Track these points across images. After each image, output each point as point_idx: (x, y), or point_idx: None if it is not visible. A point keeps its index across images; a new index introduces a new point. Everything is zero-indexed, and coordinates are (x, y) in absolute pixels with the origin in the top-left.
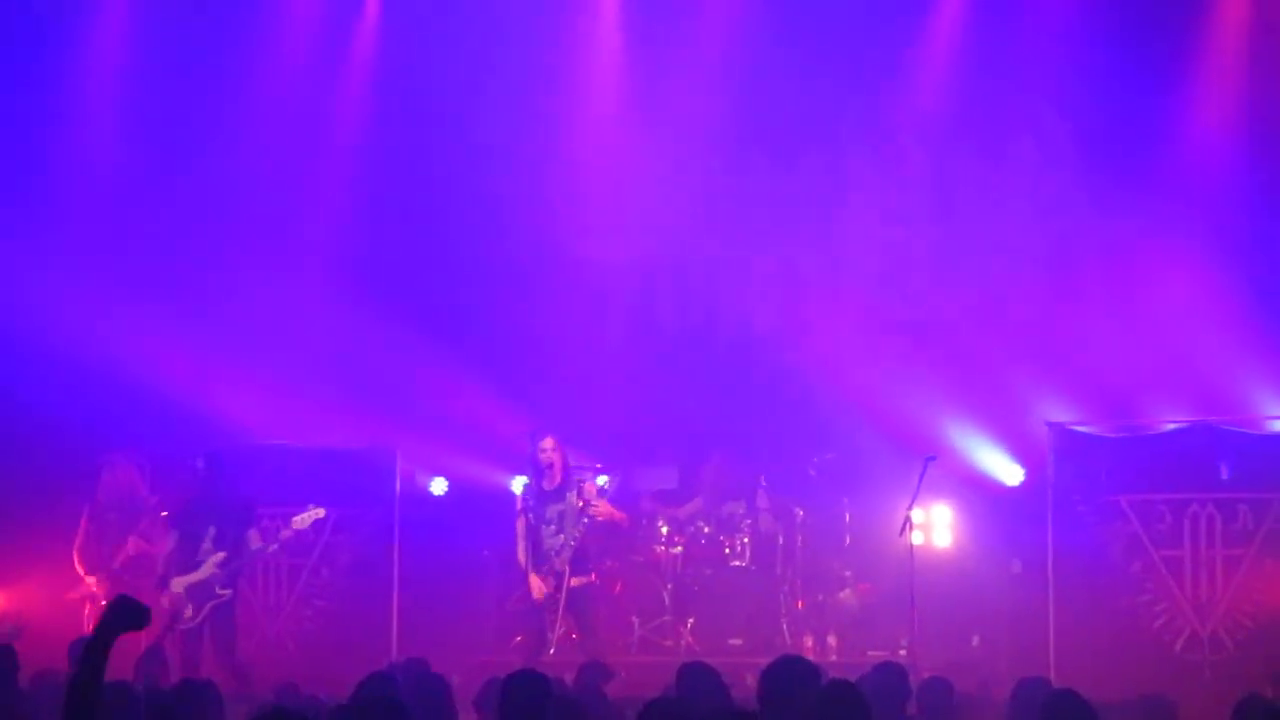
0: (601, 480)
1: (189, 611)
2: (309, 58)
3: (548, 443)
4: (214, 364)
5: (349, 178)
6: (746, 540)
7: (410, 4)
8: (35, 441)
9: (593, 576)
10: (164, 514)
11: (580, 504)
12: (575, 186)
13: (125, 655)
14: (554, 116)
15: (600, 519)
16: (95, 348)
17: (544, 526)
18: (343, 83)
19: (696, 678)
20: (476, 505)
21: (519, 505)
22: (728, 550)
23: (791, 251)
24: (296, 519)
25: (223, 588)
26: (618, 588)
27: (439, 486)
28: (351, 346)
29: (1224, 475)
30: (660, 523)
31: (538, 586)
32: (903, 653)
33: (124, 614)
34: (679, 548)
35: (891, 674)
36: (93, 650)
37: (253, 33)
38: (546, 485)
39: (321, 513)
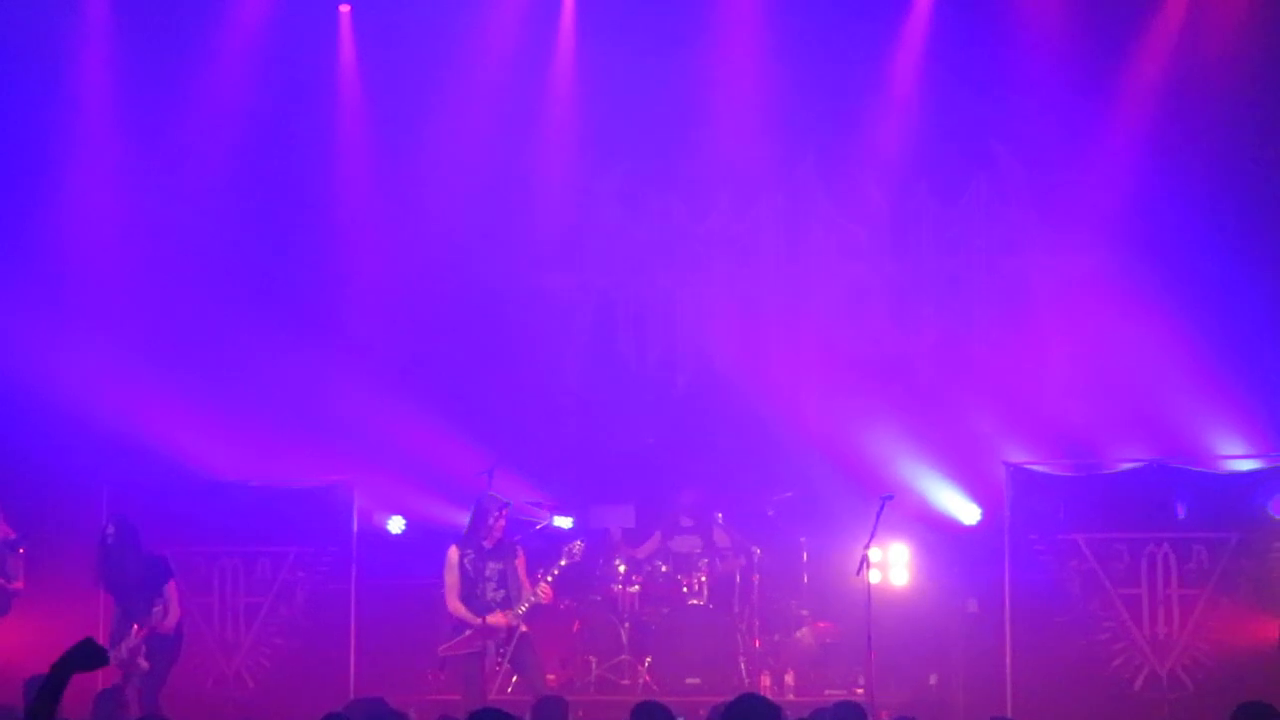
0: (564, 522)
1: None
2: (283, 116)
3: (504, 514)
4: (174, 403)
5: (309, 218)
6: (704, 579)
7: (382, 57)
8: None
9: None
10: (20, 550)
11: (519, 563)
12: (534, 221)
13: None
14: (513, 151)
15: (545, 600)
16: (60, 388)
17: (483, 581)
18: (311, 133)
19: (650, 717)
20: (434, 543)
21: (452, 557)
22: (685, 589)
23: (750, 287)
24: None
25: (144, 659)
26: (575, 626)
27: (396, 525)
28: (309, 385)
29: (1180, 515)
30: (617, 561)
31: (500, 621)
32: (860, 691)
33: (82, 655)
34: (636, 586)
35: (849, 712)
36: (47, 688)
37: (234, 93)
38: (486, 544)
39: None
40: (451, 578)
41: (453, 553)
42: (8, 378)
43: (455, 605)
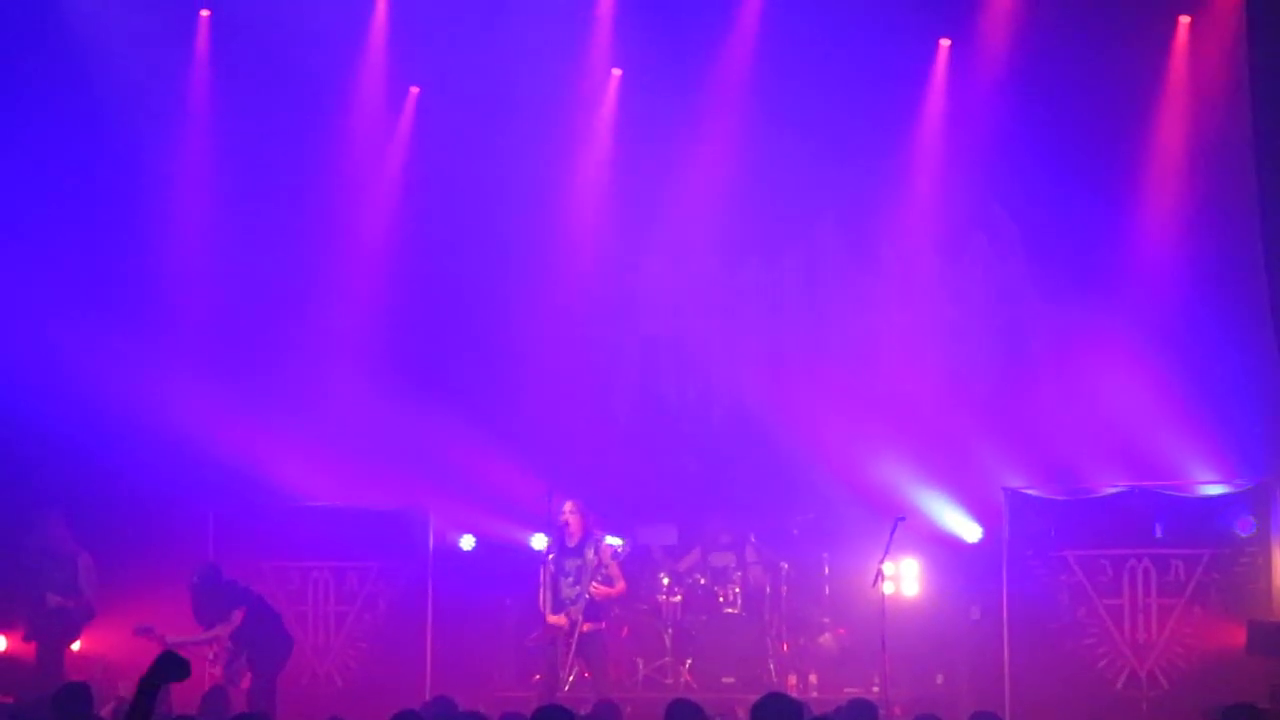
0: (616, 541)
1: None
2: (350, 160)
3: (567, 506)
4: (272, 434)
5: (390, 266)
6: (738, 590)
7: (440, 111)
8: (121, 502)
9: (603, 624)
10: (81, 561)
11: (595, 560)
12: (587, 276)
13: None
14: (569, 215)
15: (599, 597)
16: (170, 421)
17: (563, 578)
18: (378, 181)
19: (683, 714)
20: (500, 559)
21: (543, 557)
22: (721, 599)
23: (778, 334)
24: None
25: (245, 672)
26: (624, 632)
27: (467, 543)
28: (391, 419)
29: (1158, 533)
30: (661, 575)
31: (561, 621)
32: (875, 690)
33: (164, 669)
34: (678, 597)
35: (863, 709)
36: (138, 703)
37: (302, 134)
38: (567, 542)
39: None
40: (542, 574)
41: (544, 552)
42: (123, 412)
43: (539, 599)
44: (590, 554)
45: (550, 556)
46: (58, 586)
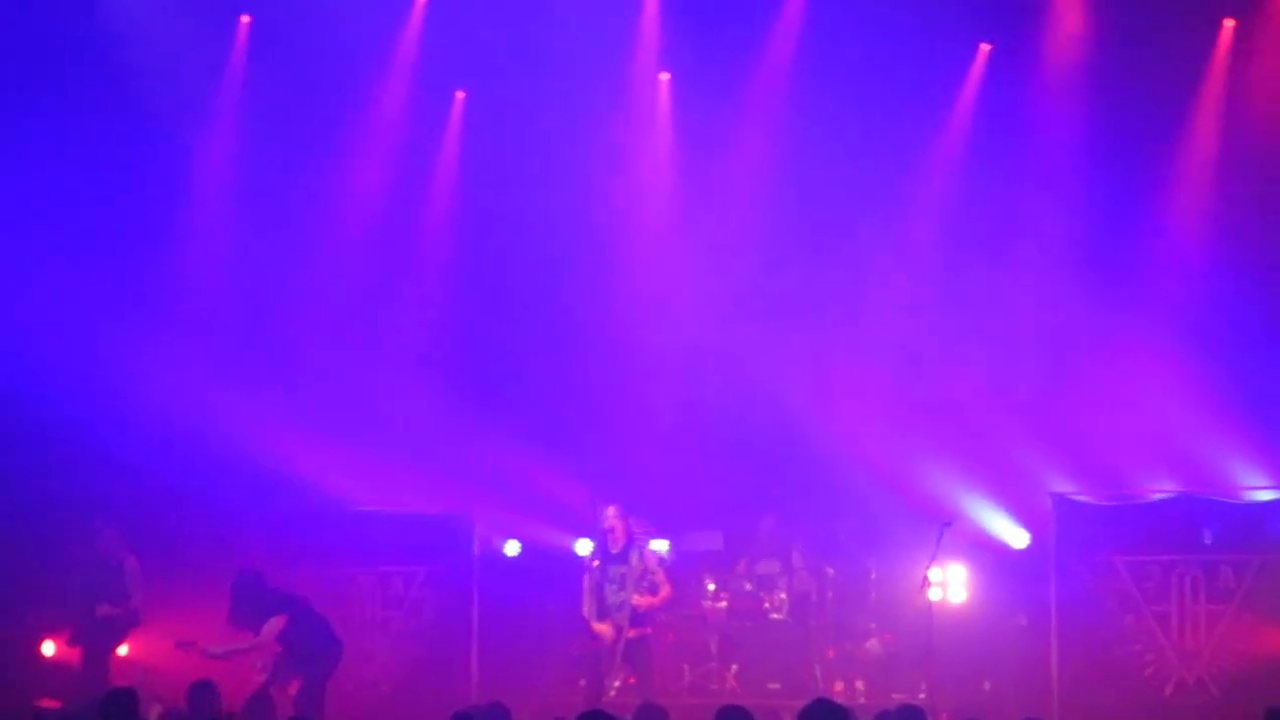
0: (661, 545)
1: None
2: (398, 165)
3: (610, 511)
4: (319, 442)
5: (436, 273)
6: (784, 596)
7: (485, 116)
8: (169, 509)
9: (648, 630)
10: (128, 565)
11: (640, 566)
12: (631, 280)
13: None
14: (614, 221)
15: (643, 608)
16: (217, 427)
17: (608, 584)
18: (425, 186)
19: (732, 719)
20: (545, 564)
21: (586, 564)
22: (767, 605)
23: (822, 339)
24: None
25: (290, 678)
26: (670, 638)
27: (512, 548)
28: (435, 426)
29: (1207, 540)
30: (707, 581)
31: (605, 630)
32: (923, 696)
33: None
34: (724, 603)
35: (910, 715)
36: None
37: (349, 141)
38: (611, 548)
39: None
40: (585, 581)
41: (587, 558)
42: (171, 418)
43: (582, 606)
44: (635, 560)
45: (595, 563)
46: (107, 594)
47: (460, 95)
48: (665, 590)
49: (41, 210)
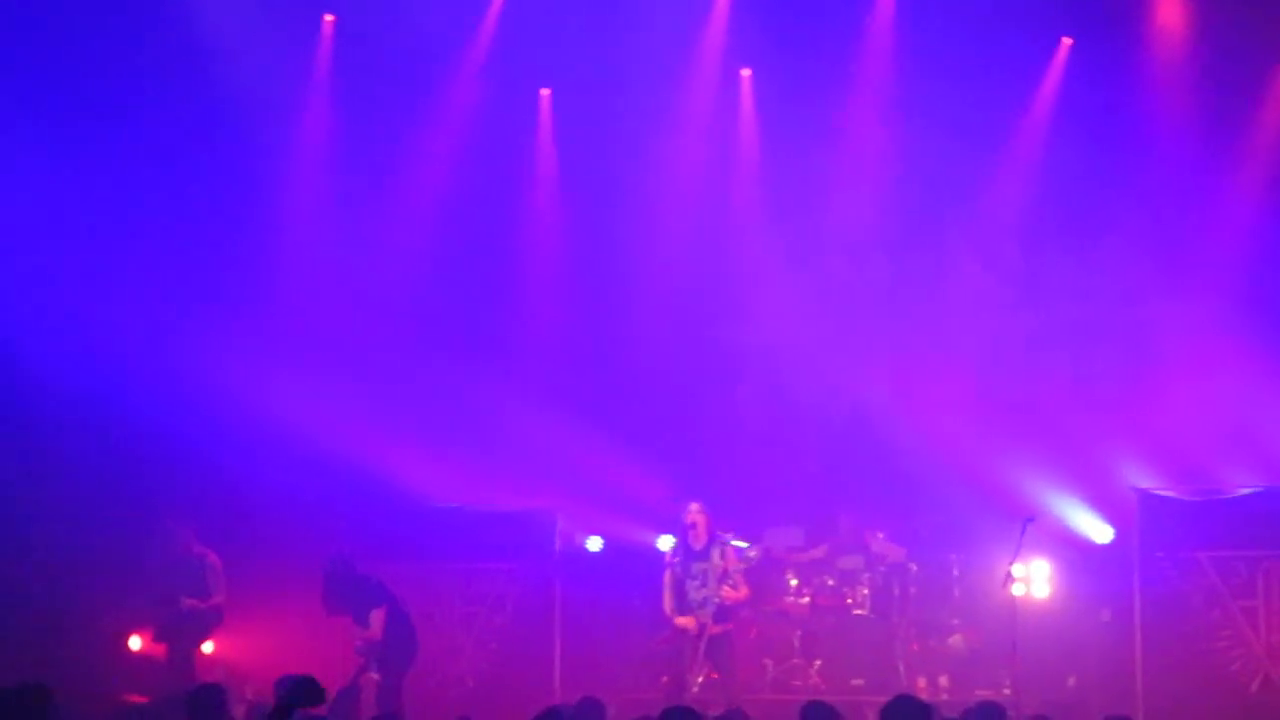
0: (743, 544)
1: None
2: (486, 162)
3: (693, 507)
4: (403, 439)
5: (517, 269)
6: (866, 592)
7: (570, 116)
8: (251, 506)
9: (730, 625)
10: (210, 562)
11: (722, 564)
12: (714, 276)
13: None
14: (695, 217)
15: (729, 602)
16: (299, 424)
17: (689, 581)
18: (508, 184)
19: (819, 715)
20: (627, 560)
21: (667, 560)
22: (850, 600)
23: (903, 334)
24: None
25: (375, 671)
26: (753, 633)
27: (595, 544)
28: (518, 421)
29: None
30: (790, 576)
31: (689, 623)
32: (1006, 692)
33: (303, 693)
34: (807, 598)
35: (992, 711)
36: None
37: (436, 139)
38: (693, 545)
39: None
40: (666, 577)
41: (668, 555)
42: (252, 415)
43: (663, 602)
44: (717, 557)
45: (675, 559)
46: (188, 589)
47: (545, 92)
48: (744, 590)
49: (126, 209)
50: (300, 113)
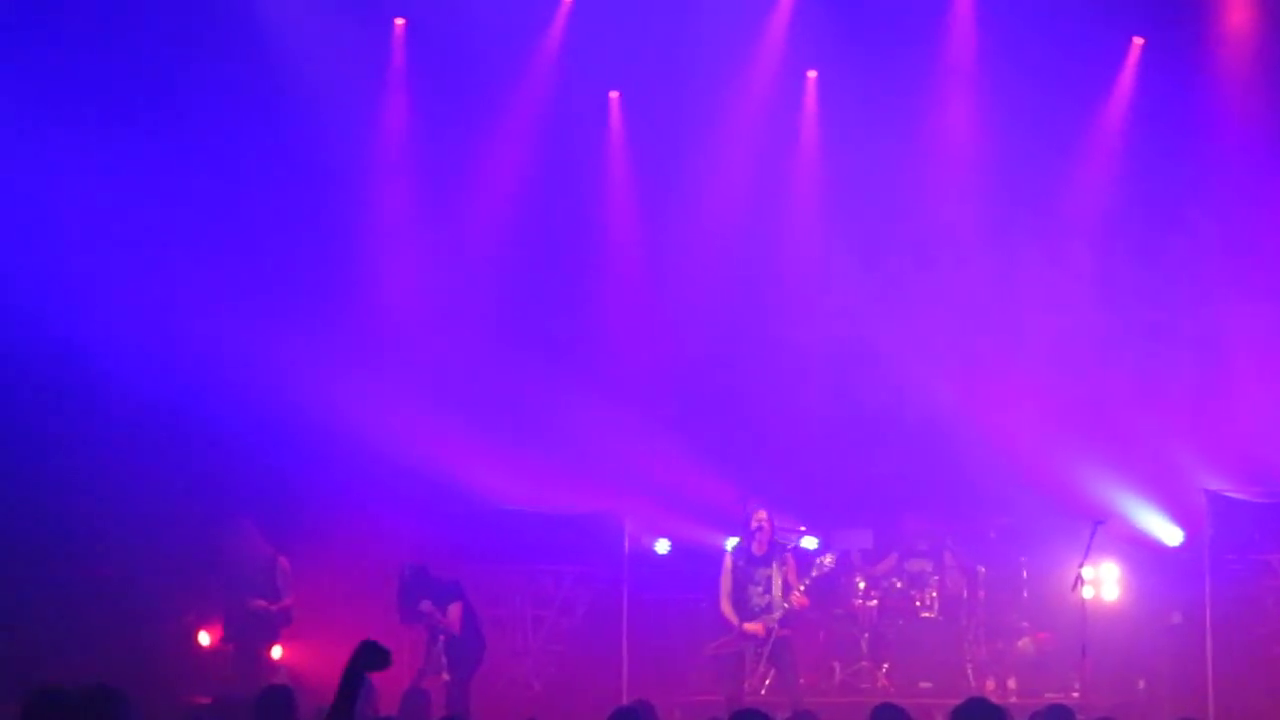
0: (811, 542)
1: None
2: (554, 164)
3: (761, 514)
4: (464, 438)
5: (584, 271)
6: (935, 594)
7: (648, 134)
8: (319, 509)
9: (792, 629)
10: (281, 563)
11: (784, 571)
12: (779, 279)
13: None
14: (763, 219)
15: (799, 607)
16: (367, 427)
17: (752, 586)
18: (584, 190)
19: (889, 717)
20: (695, 563)
21: (727, 564)
22: (918, 603)
23: (972, 335)
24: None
25: (446, 672)
26: (821, 636)
27: (662, 546)
28: (586, 423)
29: None
30: (858, 579)
31: (758, 629)
32: (1075, 695)
33: (369, 656)
34: (875, 601)
35: (1061, 714)
36: (344, 689)
37: (505, 142)
38: (756, 550)
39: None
40: (725, 582)
41: (727, 559)
42: (320, 418)
43: (724, 607)
44: (776, 566)
45: (740, 562)
46: (258, 590)
47: (614, 95)
48: (804, 602)
49: (201, 214)
50: (374, 116)
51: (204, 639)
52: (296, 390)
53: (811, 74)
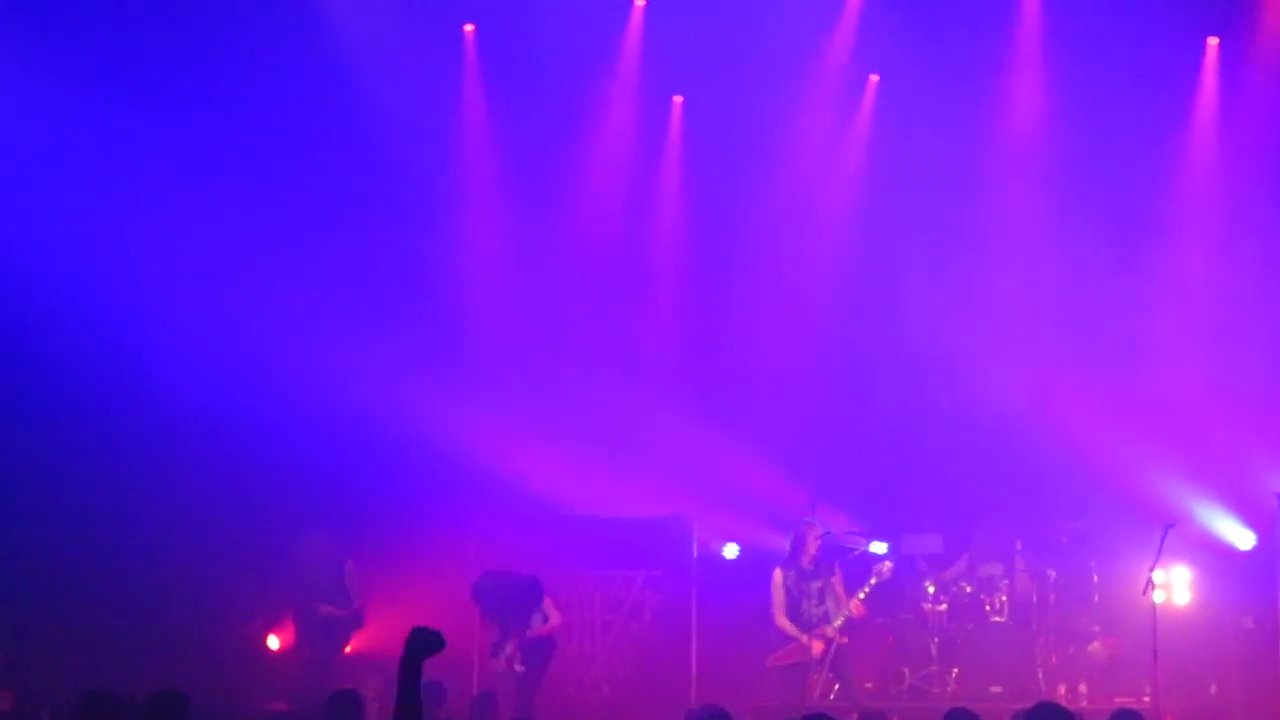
0: (880, 547)
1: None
2: (622, 170)
3: (818, 531)
4: (532, 443)
5: (652, 274)
6: (1005, 599)
7: (702, 120)
8: (387, 514)
9: (847, 637)
10: (348, 568)
11: (836, 580)
12: (849, 280)
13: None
14: (829, 219)
15: (859, 616)
16: (435, 431)
17: (805, 599)
18: (648, 191)
19: None
20: (764, 568)
21: (776, 579)
22: (988, 607)
23: (1043, 337)
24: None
25: (519, 665)
26: (890, 640)
27: (731, 551)
28: (654, 427)
29: None
30: (927, 583)
31: (818, 647)
32: (1147, 699)
33: (422, 642)
34: (944, 605)
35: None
36: (404, 680)
37: (574, 149)
38: (805, 564)
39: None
40: (777, 596)
41: (777, 574)
42: (388, 423)
43: (781, 621)
44: (830, 577)
45: (790, 573)
46: (326, 595)
47: (678, 100)
48: (862, 611)
49: (271, 223)
50: (449, 122)
51: (273, 643)
52: (365, 395)
53: (874, 77)
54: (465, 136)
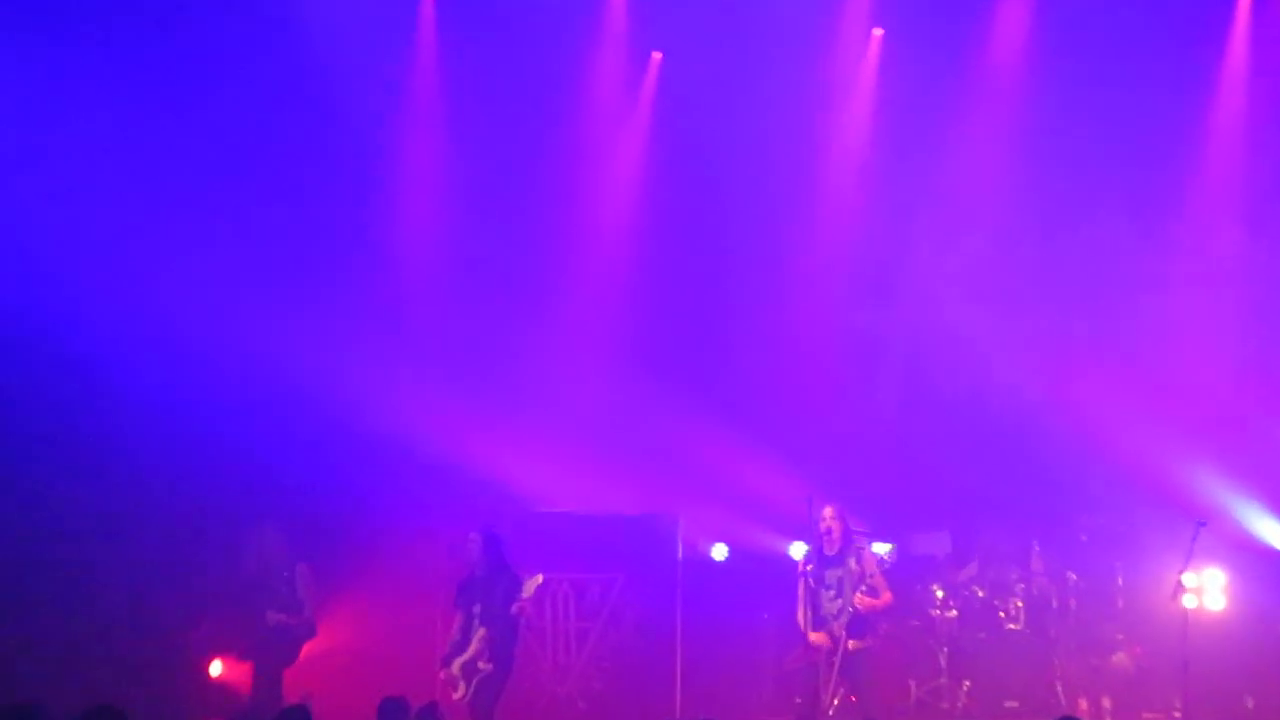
0: (883, 548)
1: (459, 690)
2: (592, 135)
3: (827, 511)
4: (503, 436)
5: (633, 257)
6: (1020, 604)
7: (685, 80)
8: (352, 514)
9: (868, 641)
10: (300, 571)
11: (858, 570)
12: (847, 260)
13: None
14: (825, 193)
15: (864, 609)
16: (402, 428)
17: (823, 591)
18: (622, 160)
19: None
20: (755, 570)
21: (800, 569)
22: (1002, 614)
23: (1060, 320)
24: (526, 585)
25: (485, 662)
26: (895, 651)
27: (720, 552)
28: (635, 420)
29: None
30: (935, 587)
31: (822, 640)
32: (1177, 715)
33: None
34: (954, 612)
35: None
36: None
37: (536, 114)
38: (827, 550)
39: (539, 579)
40: (800, 588)
41: (801, 563)
42: (352, 419)
43: (797, 615)
44: (853, 563)
45: (808, 567)
46: (278, 600)
47: (657, 56)
48: (886, 596)
49: (217, 208)
50: (409, 96)
51: (216, 668)
52: (320, 385)
53: (877, 32)
54: (424, 103)
